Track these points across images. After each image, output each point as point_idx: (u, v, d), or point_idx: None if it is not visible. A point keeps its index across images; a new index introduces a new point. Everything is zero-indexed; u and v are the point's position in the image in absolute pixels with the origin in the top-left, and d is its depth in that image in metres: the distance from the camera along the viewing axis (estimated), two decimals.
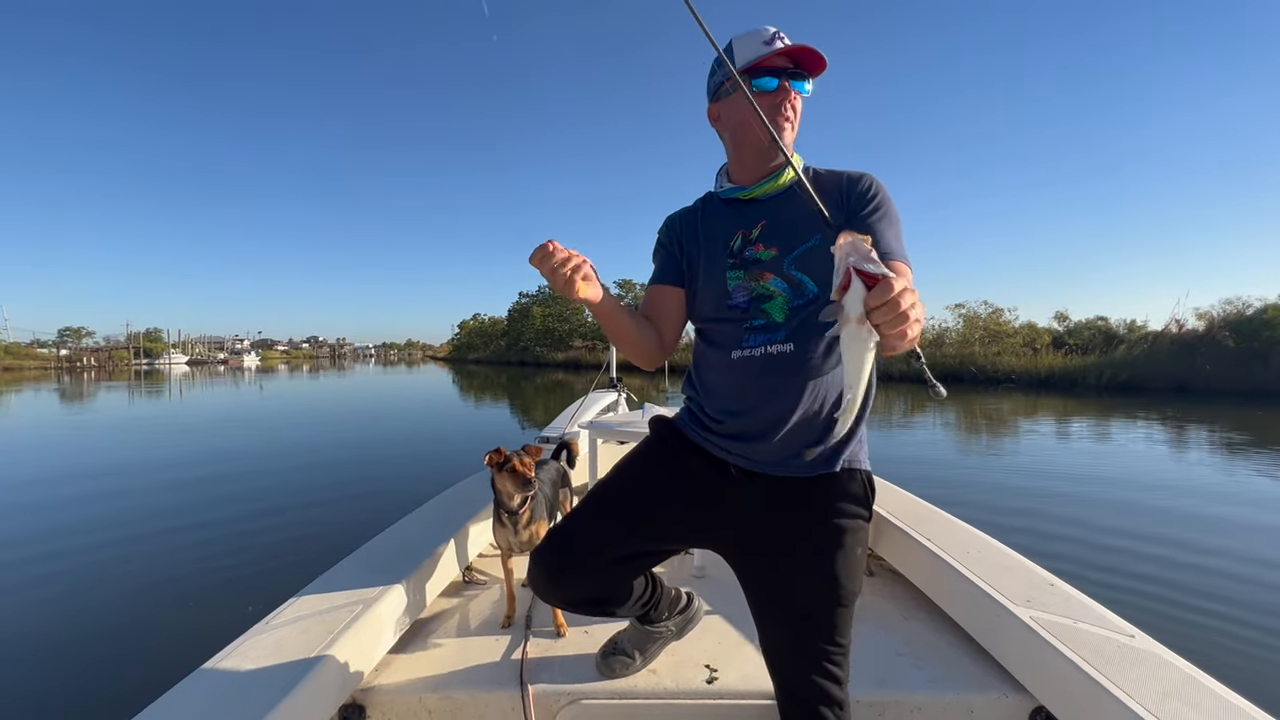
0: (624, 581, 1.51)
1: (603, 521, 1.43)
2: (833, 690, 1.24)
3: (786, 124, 1.32)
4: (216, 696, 1.26)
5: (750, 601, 1.36)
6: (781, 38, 1.30)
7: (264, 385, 31.28)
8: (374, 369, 60.18)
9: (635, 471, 1.49)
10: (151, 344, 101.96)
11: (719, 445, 1.37)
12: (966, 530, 2.23)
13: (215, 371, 60.49)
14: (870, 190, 1.31)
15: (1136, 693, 1.25)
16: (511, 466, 1.91)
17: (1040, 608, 1.62)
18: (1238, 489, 6.56)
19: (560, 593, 1.47)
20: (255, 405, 19.48)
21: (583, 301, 1.15)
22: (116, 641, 3.21)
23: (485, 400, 20.46)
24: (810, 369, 1.28)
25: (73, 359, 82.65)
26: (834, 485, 1.30)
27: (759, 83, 1.30)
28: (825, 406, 1.29)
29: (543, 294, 58.54)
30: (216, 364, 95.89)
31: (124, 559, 4.51)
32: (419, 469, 8.03)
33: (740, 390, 1.33)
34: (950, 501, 2.59)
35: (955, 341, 27.27)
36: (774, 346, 1.29)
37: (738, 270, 1.34)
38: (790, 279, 1.29)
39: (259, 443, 10.61)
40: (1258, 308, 20.31)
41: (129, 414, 16.89)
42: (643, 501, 1.42)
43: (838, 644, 1.25)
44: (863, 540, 1.31)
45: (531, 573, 1.46)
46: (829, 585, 1.25)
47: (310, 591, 1.75)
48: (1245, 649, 3.01)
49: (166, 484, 7.16)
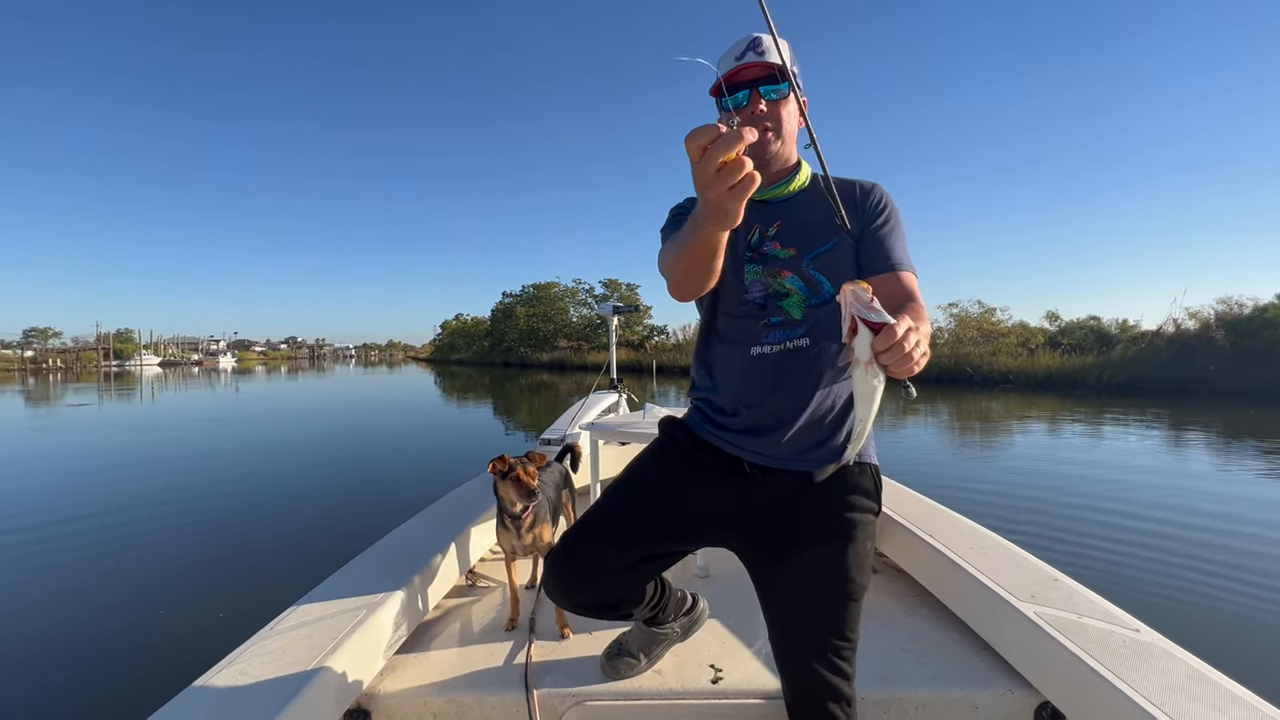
0: (638, 585, 1.53)
1: (618, 527, 1.45)
2: (841, 686, 1.27)
3: (768, 133, 1.37)
4: (221, 703, 1.28)
5: (760, 595, 1.39)
6: (755, 44, 1.35)
7: (240, 387, 30.97)
8: (354, 370, 59.76)
9: (648, 474, 1.52)
10: (122, 345, 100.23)
11: (732, 442, 1.41)
12: (970, 526, 2.27)
13: (189, 373, 59.64)
14: (881, 202, 1.38)
15: (1142, 687, 1.28)
16: (516, 475, 1.94)
17: (1045, 603, 1.66)
18: (1241, 484, 6.68)
19: (576, 598, 1.49)
20: (231, 406, 19.29)
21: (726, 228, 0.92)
22: (117, 649, 3.21)
23: (469, 402, 20.37)
24: (825, 365, 1.33)
25: (38, 360, 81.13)
26: (845, 479, 1.35)
27: (730, 100, 1.37)
28: (838, 402, 1.35)
29: (526, 293, 58.28)
30: (190, 365, 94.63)
31: (119, 566, 4.49)
32: (410, 473, 8.02)
33: (758, 385, 1.37)
34: (953, 498, 2.63)
35: (949, 342, 27.41)
36: (792, 342, 1.34)
37: (756, 264, 1.38)
38: (808, 278, 1.34)
39: (242, 445, 10.51)
40: (1253, 307, 20.53)
41: (99, 417, 16.66)
42: (657, 504, 1.45)
43: (847, 639, 1.29)
44: (872, 534, 1.36)
45: (547, 580, 1.48)
46: (839, 579, 1.29)
47: (313, 596, 1.77)
48: (1251, 642, 3.08)
49: (160, 487, 7.11)
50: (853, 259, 1.36)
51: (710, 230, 0.95)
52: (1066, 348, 24.41)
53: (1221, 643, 3.00)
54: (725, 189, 0.82)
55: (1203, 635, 3.02)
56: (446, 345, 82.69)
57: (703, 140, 0.81)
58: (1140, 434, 10.67)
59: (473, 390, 25.99)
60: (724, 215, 0.88)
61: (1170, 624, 1.62)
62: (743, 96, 1.35)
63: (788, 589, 1.34)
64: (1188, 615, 3.38)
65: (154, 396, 24.99)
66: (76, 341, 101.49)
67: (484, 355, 64.04)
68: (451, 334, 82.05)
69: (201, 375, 51.03)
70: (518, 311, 57.09)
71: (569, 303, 55.32)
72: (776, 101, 1.36)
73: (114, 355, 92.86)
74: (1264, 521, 5.19)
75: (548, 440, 3.26)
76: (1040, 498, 6.01)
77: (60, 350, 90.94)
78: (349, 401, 21.04)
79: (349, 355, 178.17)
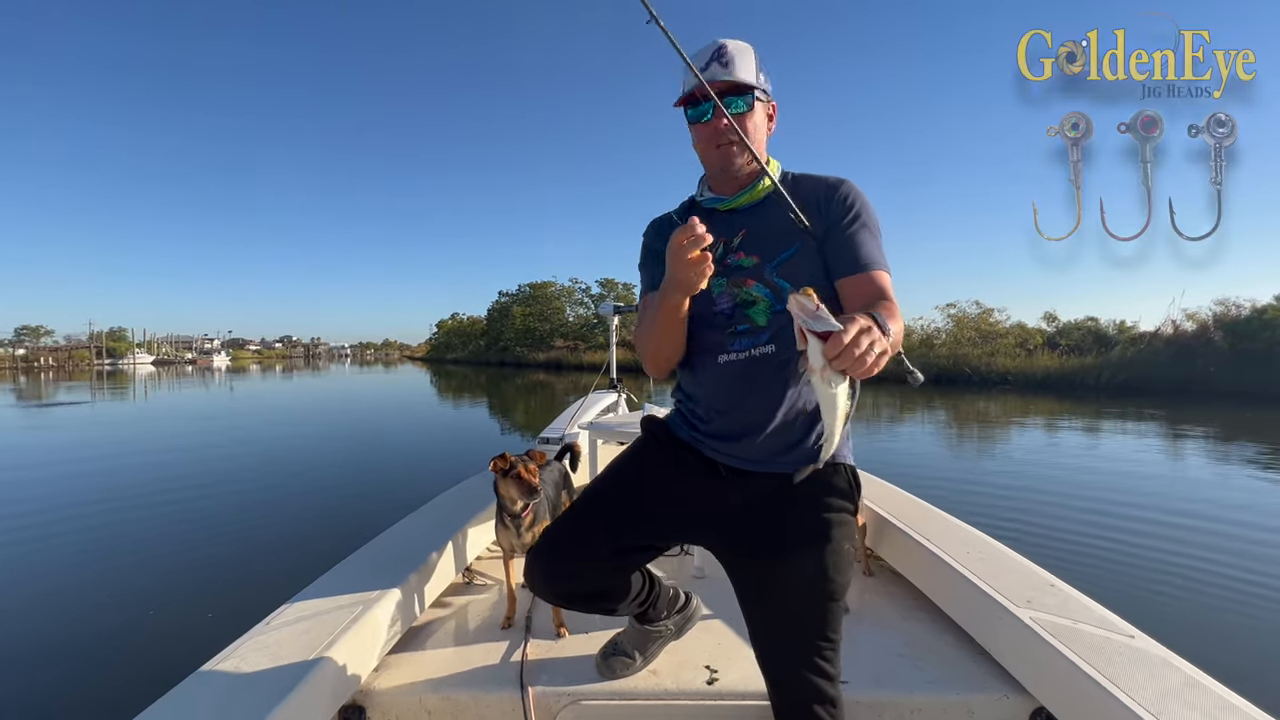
0: (619, 577, 1.55)
1: (596, 519, 1.49)
2: (824, 687, 1.27)
3: (731, 147, 1.37)
4: (216, 698, 1.28)
5: (740, 599, 1.39)
6: (719, 56, 1.36)
7: (234, 386, 30.94)
8: (350, 369, 59.70)
9: (628, 470, 1.55)
10: (115, 343, 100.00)
11: (709, 445, 1.43)
12: (966, 530, 2.28)
13: (183, 372, 59.65)
14: (849, 199, 1.36)
15: (1137, 693, 1.28)
16: (517, 473, 1.95)
17: (1040, 608, 1.66)
18: (1238, 489, 6.72)
19: (556, 589, 1.51)
20: (225, 405, 19.28)
21: (689, 295, 1.25)
22: (111, 647, 3.21)
23: (465, 401, 20.37)
24: (792, 369, 1.33)
25: (30, 359, 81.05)
26: (820, 480, 1.34)
27: (694, 113, 1.39)
28: (809, 406, 1.35)
29: (523, 293, 58.27)
30: (184, 364, 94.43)
31: (112, 564, 4.50)
32: (406, 473, 8.04)
33: (727, 391, 1.39)
34: (949, 501, 2.64)
35: (947, 343, 27.45)
36: (758, 349, 1.36)
37: (721, 278, 1.39)
38: (772, 285, 1.35)
39: (237, 442, 10.50)
40: (1250, 308, 20.56)
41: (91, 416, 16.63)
42: (635, 498, 1.48)
43: (827, 639, 1.28)
44: (849, 535, 1.35)
45: (529, 571, 1.50)
46: (816, 580, 1.29)
47: (309, 593, 1.77)
48: (1246, 649, 3.10)
49: (156, 487, 7.09)
50: (818, 261, 1.36)
51: (676, 298, 1.25)
52: (1065, 348, 24.45)
53: (1217, 650, 3.01)
54: (688, 269, 1.16)
55: (1198, 642, 3.00)
56: (442, 344, 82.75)
57: (680, 238, 1.14)
58: (1138, 436, 10.72)
59: (469, 390, 26.02)
60: (687, 286, 1.20)
61: (1166, 630, 1.62)
62: (707, 109, 1.37)
63: (765, 590, 1.35)
64: (1184, 622, 3.39)
65: (146, 395, 24.97)
66: (69, 340, 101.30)
67: (480, 355, 64.08)
68: (447, 333, 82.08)
69: (195, 374, 51.01)
70: (514, 311, 57.13)
71: (565, 302, 55.36)
72: (742, 114, 1.37)
73: (106, 354, 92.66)
74: (1261, 526, 5.21)
75: (547, 439, 3.27)
76: (1037, 502, 6.02)
77: (52, 349, 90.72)
78: (345, 400, 21.06)
79: (344, 354, 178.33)
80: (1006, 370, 23.55)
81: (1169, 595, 3.76)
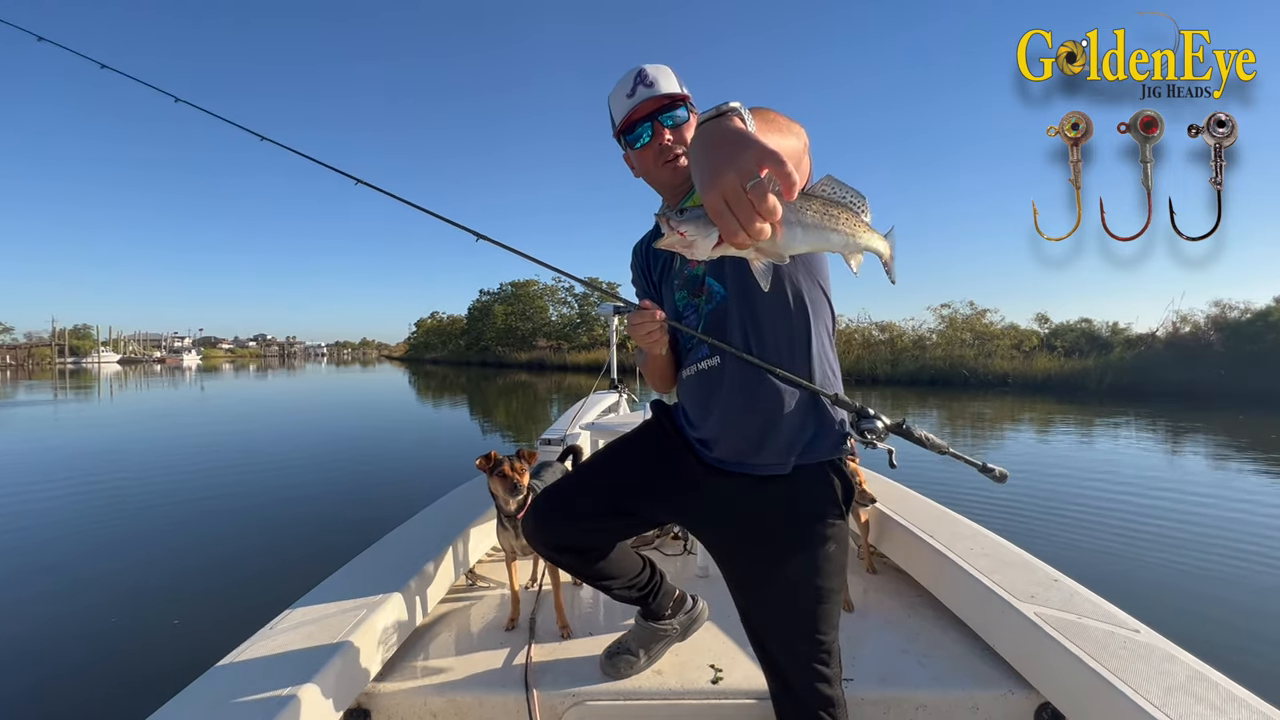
0: (606, 538, 1.63)
1: (593, 478, 1.64)
2: (823, 689, 1.30)
3: (677, 160, 1.43)
4: (221, 702, 1.31)
5: (734, 601, 1.43)
6: (641, 80, 1.42)
7: (205, 385, 30.61)
8: (326, 368, 59.17)
9: (631, 444, 1.64)
10: (79, 341, 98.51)
11: (696, 448, 1.47)
12: (969, 527, 2.33)
13: (151, 371, 58.88)
14: None
15: (1142, 688, 1.32)
16: (501, 470, 2.00)
17: (1045, 604, 1.71)
18: (1242, 487, 6.85)
19: (545, 537, 1.61)
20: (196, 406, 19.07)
21: (654, 352, 1.42)
22: (115, 651, 3.23)
23: (445, 403, 20.27)
24: (734, 376, 1.34)
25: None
26: (798, 482, 1.34)
27: (632, 137, 1.45)
28: (772, 409, 1.31)
29: (505, 291, 57.92)
30: (152, 363, 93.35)
31: (116, 568, 4.51)
32: (403, 473, 8.09)
33: (695, 403, 1.45)
34: (952, 498, 2.69)
35: (941, 344, 27.52)
36: (704, 363, 1.40)
37: (682, 290, 1.45)
38: (708, 290, 1.39)
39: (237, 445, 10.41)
40: (1245, 309, 20.76)
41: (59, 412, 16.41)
42: (633, 468, 1.57)
43: (821, 641, 1.30)
44: (837, 535, 1.33)
45: (525, 520, 1.66)
46: (800, 583, 1.30)
47: (313, 597, 1.80)
48: (1252, 643, 3.16)
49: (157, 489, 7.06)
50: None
51: (648, 351, 1.42)
52: (1060, 350, 24.59)
53: (1222, 644, 3.08)
54: (643, 342, 1.34)
55: (1204, 636, 3.07)
56: (421, 344, 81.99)
57: (633, 320, 1.31)
58: (1138, 437, 10.86)
59: (448, 390, 25.84)
60: (650, 346, 1.36)
61: (1171, 625, 1.66)
62: (644, 132, 1.42)
63: (752, 593, 1.38)
64: (1188, 616, 3.46)
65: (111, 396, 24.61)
66: (30, 337, 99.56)
67: (460, 354, 63.54)
68: (426, 332, 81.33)
69: (164, 373, 50.36)
70: (495, 310, 56.67)
71: (548, 301, 55.05)
72: (679, 126, 1.43)
73: (70, 352, 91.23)
74: (1265, 523, 5.31)
75: (548, 440, 3.29)
76: (1040, 498, 6.11)
77: (11, 346, 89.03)
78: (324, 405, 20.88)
79: (321, 353, 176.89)
80: (1005, 372, 23.62)
81: (1174, 590, 3.83)
